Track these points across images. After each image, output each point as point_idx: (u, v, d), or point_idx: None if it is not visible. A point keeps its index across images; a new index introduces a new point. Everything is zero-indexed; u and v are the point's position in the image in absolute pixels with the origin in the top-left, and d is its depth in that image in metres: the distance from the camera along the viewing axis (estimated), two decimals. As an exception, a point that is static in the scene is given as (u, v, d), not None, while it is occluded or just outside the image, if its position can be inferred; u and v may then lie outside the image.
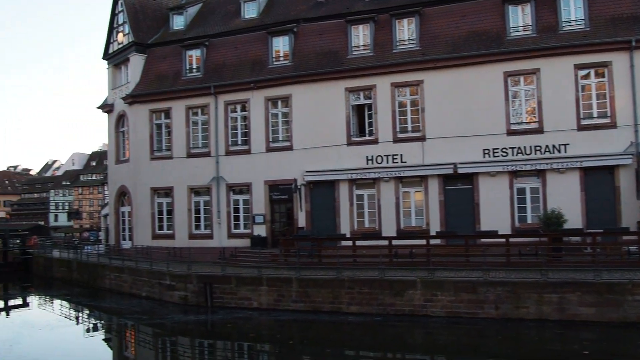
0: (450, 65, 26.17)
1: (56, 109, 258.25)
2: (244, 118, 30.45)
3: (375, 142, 27.31)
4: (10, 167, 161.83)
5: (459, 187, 26.11)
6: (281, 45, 29.95)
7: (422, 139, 26.51)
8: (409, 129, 26.99)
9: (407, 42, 27.29)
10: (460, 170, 25.65)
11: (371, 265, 21.91)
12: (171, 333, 20.94)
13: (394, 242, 23.70)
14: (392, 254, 22.97)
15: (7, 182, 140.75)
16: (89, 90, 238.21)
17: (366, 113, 28.02)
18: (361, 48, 28.09)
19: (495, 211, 25.17)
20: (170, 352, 18.98)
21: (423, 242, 23.12)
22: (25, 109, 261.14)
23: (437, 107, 26.28)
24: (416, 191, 26.86)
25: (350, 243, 25.21)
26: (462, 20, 26.76)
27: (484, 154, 25.59)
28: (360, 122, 28.36)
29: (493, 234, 23.16)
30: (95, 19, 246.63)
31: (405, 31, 27.43)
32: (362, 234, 26.81)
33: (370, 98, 27.70)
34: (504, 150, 25.34)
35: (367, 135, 27.88)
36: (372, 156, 27.24)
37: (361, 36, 28.24)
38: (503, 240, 22.16)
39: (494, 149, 25.48)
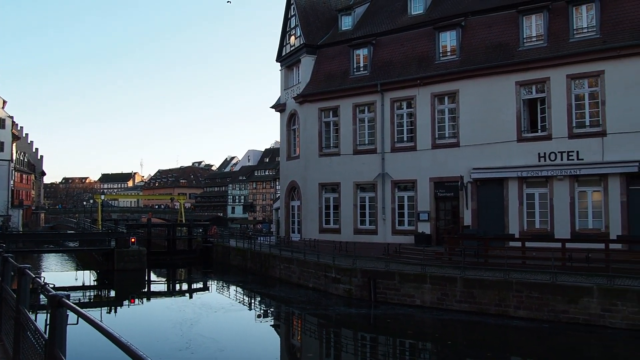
0: (635, 54, 23.80)
1: (235, 110, 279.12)
2: (410, 115, 30.35)
3: (549, 138, 25.75)
4: (195, 162, 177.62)
5: (645, 187, 23.75)
6: (448, 40, 29.38)
7: (602, 134, 24.46)
8: (587, 123, 25.08)
9: (585, 30, 25.29)
10: (646, 169, 23.31)
11: (542, 269, 20.72)
12: (335, 324, 21.59)
13: (568, 245, 22.32)
14: (565, 258, 21.61)
15: (192, 176, 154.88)
16: (263, 91, 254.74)
17: (539, 107, 26.54)
18: (534, 39, 26.61)
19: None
20: (333, 342, 19.59)
21: (601, 246, 21.52)
22: (208, 111, 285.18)
23: (621, 99, 24.08)
24: (594, 191, 24.90)
25: (519, 244, 24.25)
26: (651, 3, 24.26)
27: (676, 150, 23.02)
28: (532, 117, 26.92)
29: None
30: (269, 25, 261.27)
31: (584, 18, 25.43)
32: (532, 235, 25.48)
33: (543, 92, 26.19)
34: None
35: (539, 131, 26.39)
36: (544, 153, 25.73)
37: (534, 26, 26.73)
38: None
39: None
